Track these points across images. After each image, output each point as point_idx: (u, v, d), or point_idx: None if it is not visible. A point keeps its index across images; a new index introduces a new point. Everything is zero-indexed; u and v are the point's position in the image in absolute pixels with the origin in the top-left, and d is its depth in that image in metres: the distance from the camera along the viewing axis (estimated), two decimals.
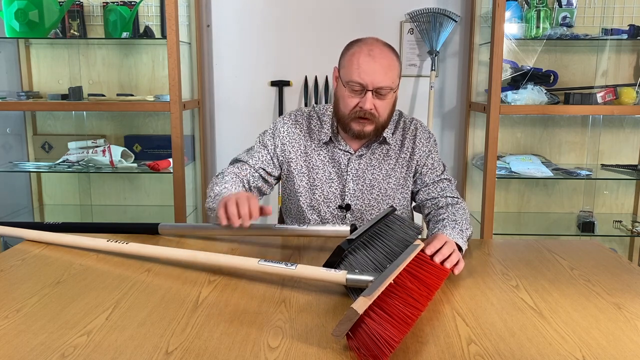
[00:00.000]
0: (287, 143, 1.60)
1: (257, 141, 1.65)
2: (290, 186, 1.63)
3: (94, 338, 0.94)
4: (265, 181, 1.63)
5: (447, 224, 1.43)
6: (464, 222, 1.46)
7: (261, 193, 1.64)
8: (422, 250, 1.19)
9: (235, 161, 1.64)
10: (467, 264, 1.32)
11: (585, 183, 2.90)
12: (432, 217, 1.55)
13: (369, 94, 1.43)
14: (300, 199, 1.61)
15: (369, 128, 1.49)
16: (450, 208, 1.53)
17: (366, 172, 1.59)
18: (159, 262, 1.32)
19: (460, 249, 1.33)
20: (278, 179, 1.67)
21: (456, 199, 1.58)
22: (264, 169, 1.61)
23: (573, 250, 1.46)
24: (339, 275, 1.07)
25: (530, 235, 2.75)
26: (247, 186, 1.59)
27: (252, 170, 1.60)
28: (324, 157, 1.59)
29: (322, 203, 1.59)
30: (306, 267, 1.11)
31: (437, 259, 1.20)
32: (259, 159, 1.61)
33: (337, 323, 0.89)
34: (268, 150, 1.62)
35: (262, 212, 1.31)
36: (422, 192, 1.61)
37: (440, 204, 1.57)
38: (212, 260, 1.25)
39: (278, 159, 1.62)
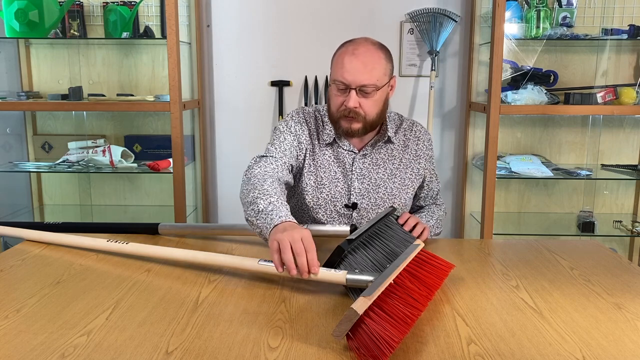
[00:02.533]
0: (303, 142, 1.59)
1: (277, 134, 1.58)
2: (297, 183, 1.62)
3: (94, 338, 0.94)
4: (291, 173, 1.55)
5: (423, 216, 1.67)
6: (438, 221, 1.68)
7: (288, 186, 1.56)
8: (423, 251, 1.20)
9: (263, 156, 1.53)
10: (467, 264, 1.33)
11: (585, 183, 2.90)
12: (414, 209, 1.78)
13: (353, 92, 1.45)
14: (307, 197, 1.60)
15: (356, 126, 1.50)
16: (433, 207, 1.73)
17: (371, 171, 1.59)
18: (159, 262, 1.32)
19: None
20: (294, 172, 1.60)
21: (441, 201, 1.78)
22: (289, 163, 1.54)
23: (573, 250, 1.46)
24: (339, 275, 1.07)
25: (530, 235, 2.75)
26: (283, 187, 1.46)
27: (285, 167, 1.52)
28: (329, 156, 1.60)
29: (329, 202, 1.60)
30: None
31: (406, 228, 1.42)
32: (286, 153, 1.54)
33: (337, 323, 0.89)
34: (290, 142, 1.56)
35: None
36: (416, 199, 1.75)
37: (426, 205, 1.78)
38: (212, 260, 1.25)
39: (295, 155, 1.57)
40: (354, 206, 1.59)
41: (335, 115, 1.52)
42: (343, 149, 1.59)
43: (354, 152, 1.59)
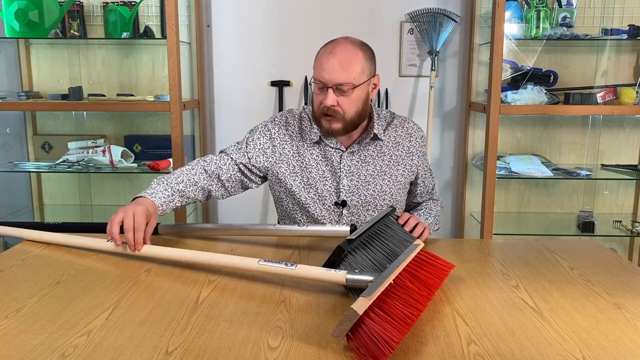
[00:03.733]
0: (278, 145, 1.61)
1: (246, 136, 1.66)
2: (282, 188, 1.63)
3: (94, 338, 0.94)
4: (247, 176, 1.63)
5: (421, 213, 1.68)
6: (436, 217, 1.69)
7: (243, 187, 1.65)
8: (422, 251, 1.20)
9: (221, 152, 1.66)
10: (467, 264, 1.33)
11: (585, 183, 2.90)
12: (411, 205, 1.80)
13: (330, 91, 1.47)
14: (296, 197, 1.61)
15: (336, 125, 1.51)
16: (430, 203, 1.74)
17: (360, 168, 1.59)
18: (159, 262, 1.32)
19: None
20: (263, 177, 1.67)
21: (437, 196, 1.79)
22: (245, 165, 1.62)
23: (573, 250, 1.46)
24: (339, 275, 1.07)
25: (530, 235, 2.75)
26: (214, 180, 1.59)
27: (232, 163, 1.61)
28: (316, 155, 1.60)
29: (318, 200, 1.60)
30: (306, 267, 1.11)
31: (406, 228, 1.42)
32: (244, 154, 1.62)
33: (337, 323, 0.89)
34: (255, 146, 1.62)
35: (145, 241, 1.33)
36: (412, 195, 1.75)
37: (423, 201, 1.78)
38: (212, 260, 1.25)
39: (266, 159, 1.62)
40: (343, 204, 1.59)
41: (317, 114, 1.53)
42: (330, 147, 1.60)
43: (341, 150, 1.59)
